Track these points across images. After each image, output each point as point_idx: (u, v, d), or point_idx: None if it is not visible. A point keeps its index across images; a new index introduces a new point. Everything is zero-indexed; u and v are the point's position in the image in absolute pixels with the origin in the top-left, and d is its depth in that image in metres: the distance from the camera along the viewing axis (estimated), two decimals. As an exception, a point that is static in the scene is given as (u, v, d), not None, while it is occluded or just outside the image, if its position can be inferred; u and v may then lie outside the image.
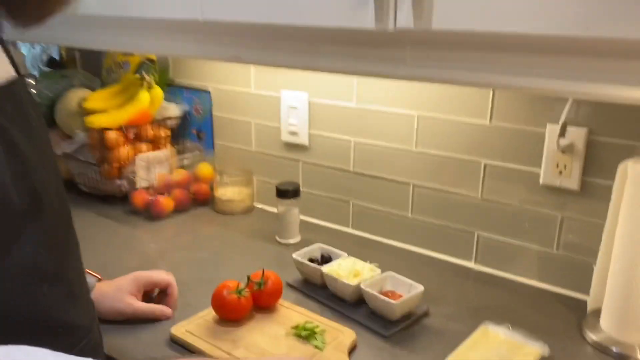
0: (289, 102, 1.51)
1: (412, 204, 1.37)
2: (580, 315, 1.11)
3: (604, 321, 1.03)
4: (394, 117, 1.35)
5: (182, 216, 1.59)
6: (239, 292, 1.02)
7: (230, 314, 1.01)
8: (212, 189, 1.64)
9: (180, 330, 1.00)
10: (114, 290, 1.04)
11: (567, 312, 1.12)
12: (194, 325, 1.02)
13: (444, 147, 1.29)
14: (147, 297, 1.09)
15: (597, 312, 1.08)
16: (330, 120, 1.46)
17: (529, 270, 1.24)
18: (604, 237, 1.04)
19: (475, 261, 1.31)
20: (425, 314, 1.09)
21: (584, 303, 1.15)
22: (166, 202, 1.55)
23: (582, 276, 1.17)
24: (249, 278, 1.04)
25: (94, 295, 0.98)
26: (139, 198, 1.55)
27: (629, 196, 0.95)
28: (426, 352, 0.98)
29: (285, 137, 1.54)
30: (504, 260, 1.26)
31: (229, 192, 1.59)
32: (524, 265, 1.24)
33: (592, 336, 1.02)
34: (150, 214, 1.55)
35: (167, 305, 1.07)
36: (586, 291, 1.16)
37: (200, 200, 1.64)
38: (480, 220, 1.28)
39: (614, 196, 1.00)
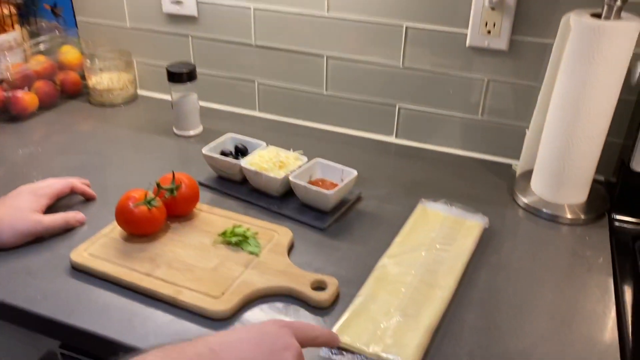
0: (168, -37, 1.23)
1: (327, 79, 1.22)
2: (509, 180, 1.08)
3: (535, 184, 1.02)
4: (299, -24, 1.15)
5: (51, 113, 1.32)
6: (149, 202, 0.84)
7: (142, 229, 0.85)
8: (83, 77, 1.36)
9: (81, 254, 0.82)
10: (11, 212, 0.86)
11: (495, 178, 1.09)
12: (97, 246, 0.84)
13: (360, 10, 1.13)
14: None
15: (526, 176, 1.06)
16: (221, -16, 1.22)
17: (452, 140, 1.18)
18: (539, 97, 0.99)
19: (397, 136, 1.22)
20: (358, 199, 1.01)
21: (510, 167, 1.13)
22: (28, 97, 1.26)
23: (508, 141, 1.14)
24: (158, 185, 0.86)
25: None
26: (-10, 96, 1.24)
27: (570, 51, 0.88)
28: (368, 240, 0.90)
29: (168, 8, 1.28)
30: (427, 131, 1.19)
31: (105, 80, 1.33)
32: (447, 135, 1.18)
33: (523, 199, 1.01)
34: (9, 114, 1.26)
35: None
36: (512, 156, 1.14)
37: (70, 92, 1.37)
38: (401, 91, 1.17)
39: (554, 53, 0.94)
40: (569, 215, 0.97)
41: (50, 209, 0.93)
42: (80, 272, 0.81)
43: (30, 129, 1.25)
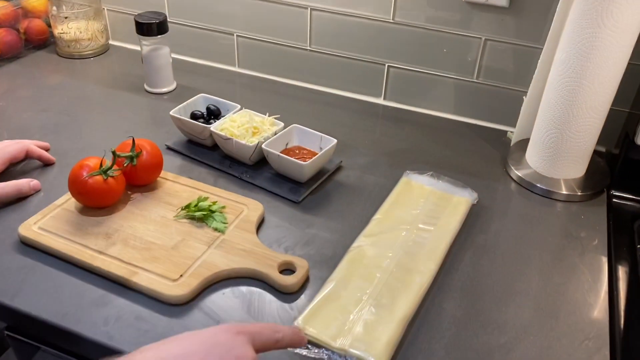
0: None
1: (311, 33, 1.12)
2: (502, 149, 1.01)
3: (531, 156, 0.94)
4: None
5: (14, 65, 1.23)
6: (104, 172, 0.77)
7: (97, 201, 0.78)
8: (49, 25, 1.26)
9: (30, 227, 0.76)
10: None
11: (488, 146, 1.02)
12: (49, 219, 0.77)
13: (347, -43, 1.02)
14: None
15: (521, 146, 0.98)
16: None
17: (445, 103, 1.09)
18: (540, 61, 0.90)
19: (385, 97, 1.14)
20: (338, 169, 0.93)
21: (504, 134, 1.05)
22: (-13, 47, 1.17)
23: (504, 107, 1.05)
24: (114, 153, 0.78)
25: None
26: (-54, 45, 1.15)
27: (577, 12, 0.79)
28: (345, 215, 0.83)
29: (138, -50, 1.17)
30: (418, 93, 1.11)
31: (72, 29, 1.22)
32: (439, 98, 1.09)
33: (517, 172, 0.93)
34: (-33, 65, 1.17)
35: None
36: (508, 123, 1.06)
37: (35, 41, 1.27)
38: (391, 48, 1.08)
39: (559, 13, 0.84)
40: (564, 191, 0.90)
41: (3, 176, 0.86)
42: (30, 247, 0.75)
43: (-9, 81, 1.16)
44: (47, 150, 0.94)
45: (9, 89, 1.14)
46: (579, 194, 0.89)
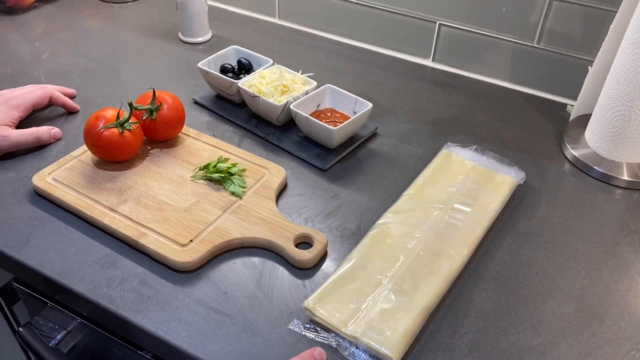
0: None
1: (357, -16, 1.03)
2: (560, 124, 0.90)
3: (591, 134, 0.84)
4: None
5: (53, 6, 1.20)
6: (121, 124, 0.73)
7: (111, 155, 0.74)
8: (88, -34, 1.22)
9: (44, 178, 0.73)
10: None
11: (544, 120, 0.91)
12: (63, 170, 0.74)
13: None
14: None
15: (581, 122, 0.88)
16: None
17: (499, 69, 0.99)
18: (612, 27, 0.79)
19: (434, 59, 1.04)
20: (373, 135, 0.86)
21: (564, 107, 0.94)
22: (25, -13, 1.14)
23: (566, 76, 0.94)
24: (131, 105, 0.74)
25: None
26: (-15, -17, 1.12)
27: (663, -29, 0.67)
28: (374, 188, 0.77)
29: None
30: (471, 56, 1.00)
31: (111, -29, 1.18)
32: (494, 63, 0.99)
33: (573, 152, 0.84)
34: (5, 4, 1.14)
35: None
36: (569, 95, 0.95)
37: (74, -17, 1.23)
38: (443, 4, 0.98)
39: (640, -29, 0.72)
40: (626, 177, 0.79)
41: (26, 122, 0.83)
42: (43, 198, 0.72)
43: (28, 23, 1.13)
44: (72, 97, 0.90)
45: (47, 31, 1.11)
46: (643, 181, 0.79)
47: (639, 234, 0.72)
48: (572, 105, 0.92)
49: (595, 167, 0.81)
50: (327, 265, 0.66)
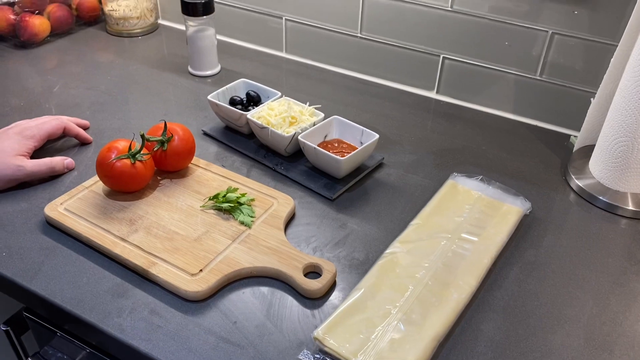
0: None
1: (363, 19, 1.06)
2: (563, 156, 0.92)
3: (595, 165, 0.85)
4: None
5: (65, 40, 1.23)
6: (133, 155, 0.74)
7: (123, 185, 0.75)
8: (100, 2, 1.25)
9: (56, 208, 0.74)
10: None
11: (548, 151, 0.93)
12: (75, 201, 0.75)
13: (405, -62, 0.95)
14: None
15: (585, 153, 0.89)
16: None
17: (503, 101, 1.01)
18: (613, 59, 0.80)
19: (438, 91, 1.06)
20: (380, 165, 0.87)
21: (567, 138, 0.96)
22: (39, 22, 1.17)
23: (569, 108, 0.96)
24: (143, 137, 0.75)
25: None
26: (1, 19, 1.15)
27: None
28: (382, 218, 0.77)
29: None
30: (474, 89, 1.02)
31: (122, 6, 1.21)
32: (497, 95, 1.01)
33: (577, 182, 0.85)
34: (19, 39, 1.17)
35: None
36: (572, 126, 0.97)
37: (86, 18, 1.26)
38: (447, 39, 1.00)
39: (639, 5, 0.74)
40: (631, 207, 0.80)
41: (40, 152, 0.85)
42: (54, 228, 0.73)
43: (40, 57, 1.16)
44: (86, 128, 0.92)
45: (59, 64, 1.14)
46: (648, 211, 0.79)
47: (645, 263, 0.72)
48: (575, 137, 0.94)
49: (600, 197, 0.82)
50: (335, 295, 0.66)
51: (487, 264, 0.69)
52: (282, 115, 0.84)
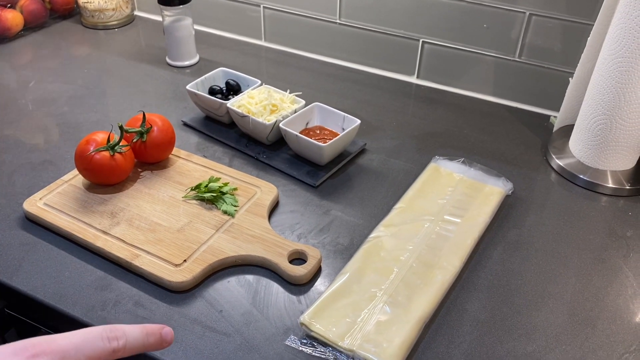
0: None
1: (341, 5, 1.05)
2: (544, 136, 0.92)
3: (575, 144, 0.86)
4: None
5: (39, 34, 1.20)
6: (112, 147, 0.73)
7: (103, 178, 0.74)
8: (74, -6, 1.23)
9: (35, 203, 0.73)
10: None
11: (528, 132, 0.93)
12: (55, 195, 0.74)
13: None
14: None
15: (565, 133, 0.90)
16: None
17: (483, 83, 1.01)
18: (590, 39, 0.81)
19: (419, 76, 1.06)
20: (362, 151, 0.87)
21: (547, 119, 0.96)
22: (12, 16, 1.14)
23: (547, 88, 0.97)
24: (122, 128, 0.74)
25: None
26: (-29, 13, 1.13)
27: (635, -15, 0.69)
28: (366, 203, 0.77)
29: None
30: (454, 72, 1.03)
31: (97, -1, 1.19)
32: (477, 78, 1.01)
33: (558, 161, 0.85)
34: (-9, 34, 1.15)
35: None
36: (551, 107, 0.98)
37: (60, 11, 1.24)
38: (426, 23, 1.00)
39: (613, -15, 0.75)
40: (611, 184, 0.81)
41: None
42: (34, 223, 0.72)
43: (14, 51, 1.14)
44: None
45: (34, 59, 1.12)
46: (628, 187, 0.80)
47: (626, 239, 0.73)
48: (555, 117, 0.95)
49: (581, 176, 0.83)
50: (321, 280, 0.66)
51: (470, 244, 0.70)
52: (262, 104, 0.84)
